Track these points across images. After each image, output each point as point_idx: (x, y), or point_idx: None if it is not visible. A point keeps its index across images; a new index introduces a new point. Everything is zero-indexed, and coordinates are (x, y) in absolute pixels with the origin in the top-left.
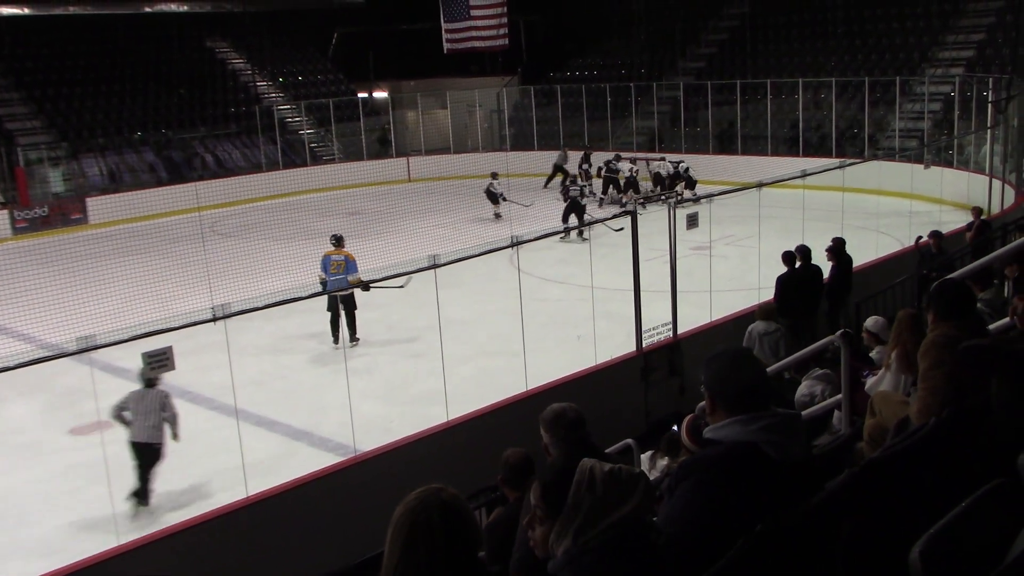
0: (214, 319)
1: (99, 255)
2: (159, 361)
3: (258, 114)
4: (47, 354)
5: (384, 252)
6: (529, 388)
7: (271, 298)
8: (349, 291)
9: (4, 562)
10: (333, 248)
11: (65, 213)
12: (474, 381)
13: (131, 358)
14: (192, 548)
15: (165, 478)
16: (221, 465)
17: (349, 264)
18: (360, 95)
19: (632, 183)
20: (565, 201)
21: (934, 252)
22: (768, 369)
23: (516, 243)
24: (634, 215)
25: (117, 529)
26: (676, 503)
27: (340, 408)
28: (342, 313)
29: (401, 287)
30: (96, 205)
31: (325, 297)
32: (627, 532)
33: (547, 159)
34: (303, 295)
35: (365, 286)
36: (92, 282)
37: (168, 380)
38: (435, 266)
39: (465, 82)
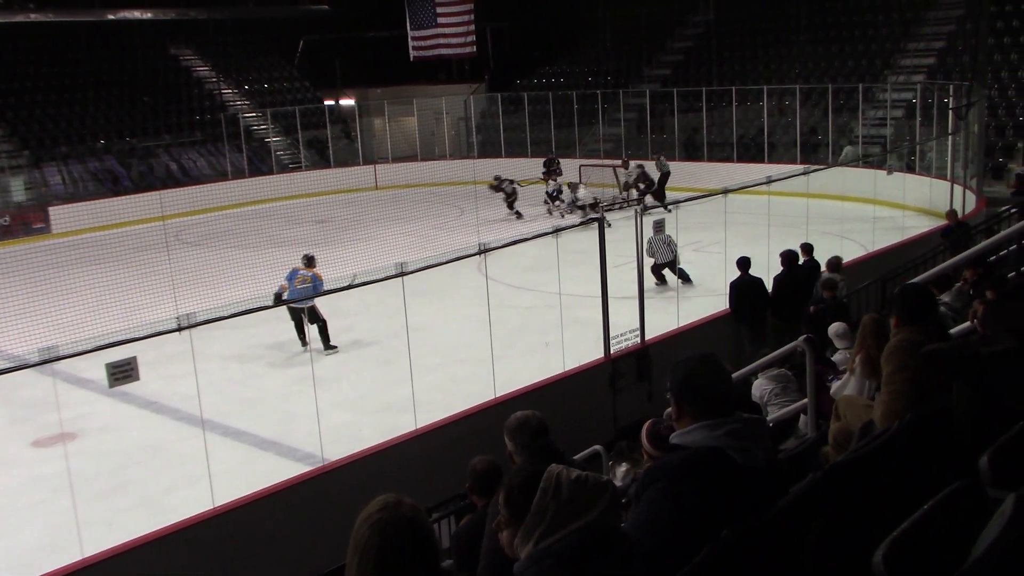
0: (179, 328)
1: (62, 264)
2: (123, 372)
3: (223, 122)
4: (9, 365)
5: (352, 260)
6: (498, 395)
7: (238, 307)
8: (308, 304)
9: None
10: (303, 266)
11: (27, 222)
12: (442, 389)
13: (95, 369)
14: (158, 560)
15: (130, 489)
16: (187, 476)
17: (316, 284)
18: (327, 102)
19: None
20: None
21: None
22: (735, 374)
23: (484, 250)
24: (601, 222)
25: (82, 543)
26: (643, 509)
27: (308, 417)
28: (307, 325)
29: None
30: (59, 214)
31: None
32: (591, 538)
33: (515, 166)
34: (270, 304)
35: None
36: (55, 292)
37: (133, 390)
38: (403, 273)
39: (432, 89)
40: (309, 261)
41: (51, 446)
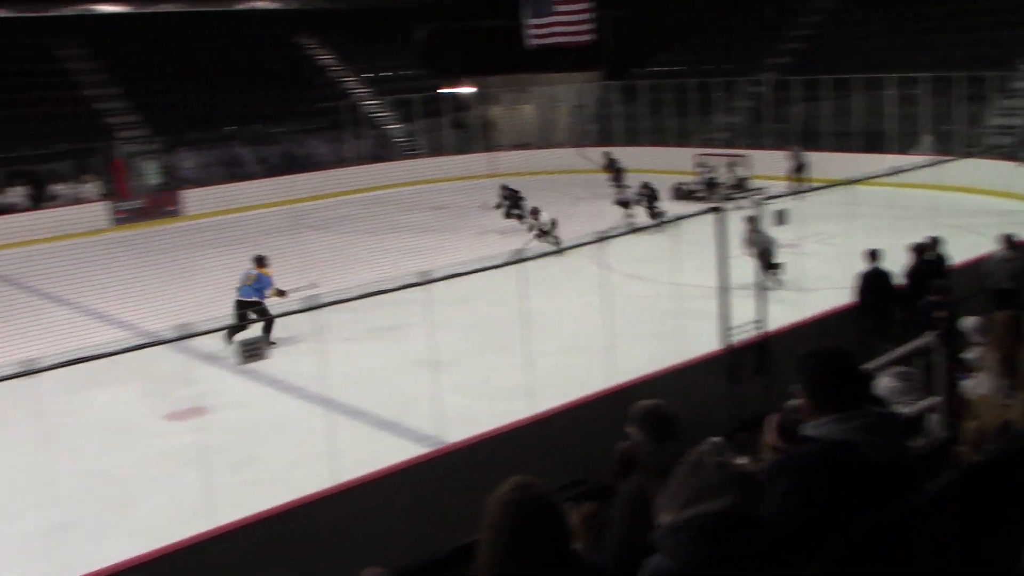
0: (305, 310)
1: (193, 246)
2: (253, 350)
3: (345, 110)
4: (145, 341)
5: (469, 247)
6: (613, 384)
7: (359, 290)
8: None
9: (106, 540)
10: (254, 266)
11: (160, 205)
12: (557, 376)
13: (224, 348)
14: (282, 534)
15: (256, 464)
16: (311, 453)
17: (263, 282)
18: (446, 90)
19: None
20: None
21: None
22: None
23: (600, 239)
24: (721, 211)
25: (210, 514)
26: (771, 501)
27: (426, 400)
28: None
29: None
30: (190, 197)
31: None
32: (727, 521)
33: (630, 155)
34: (391, 287)
35: (281, 293)
36: (186, 272)
37: (260, 368)
38: (520, 260)
39: (549, 78)
40: (260, 261)
41: (184, 420)
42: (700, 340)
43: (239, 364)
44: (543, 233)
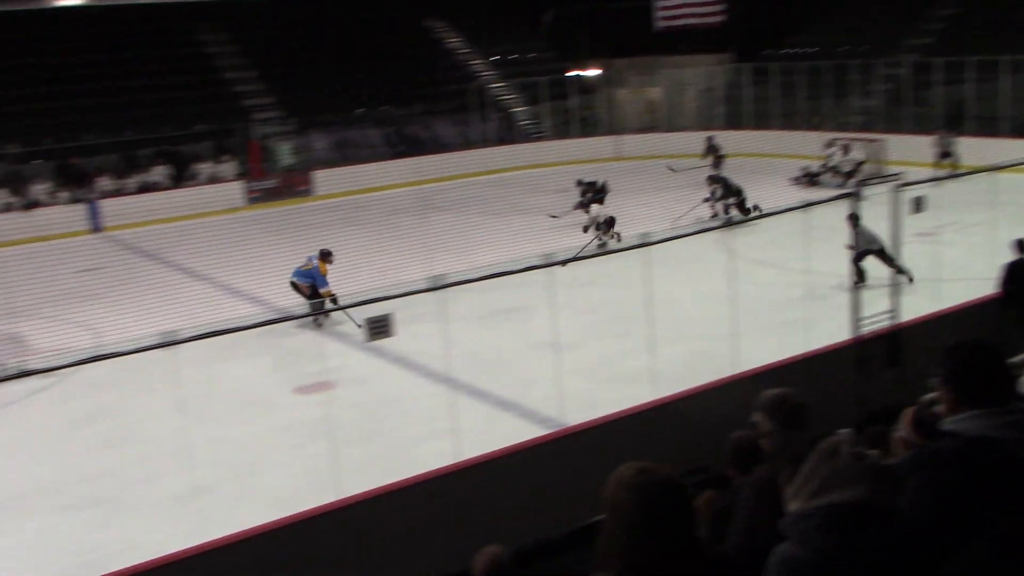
0: (430, 289)
1: (322, 225)
2: (380, 327)
3: (472, 92)
4: (276, 317)
5: (591, 231)
6: (736, 372)
7: (483, 271)
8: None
9: (235, 507)
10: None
11: (293, 185)
12: (680, 362)
13: (349, 323)
14: (404, 508)
15: (379, 439)
16: (433, 430)
17: (314, 276)
18: (572, 73)
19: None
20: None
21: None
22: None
23: (728, 223)
24: (855, 197)
25: (335, 485)
26: (906, 496)
27: (546, 381)
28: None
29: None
30: (321, 178)
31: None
32: (857, 513)
33: (759, 139)
34: (515, 269)
35: (333, 299)
36: (316, 250)
37: (385, 345)
38: (645, 244)
39: (677, 60)
40: (324, 256)
41: (311, 393)
42: (829, 330)
43: (365, 341)
44: (597, 229)
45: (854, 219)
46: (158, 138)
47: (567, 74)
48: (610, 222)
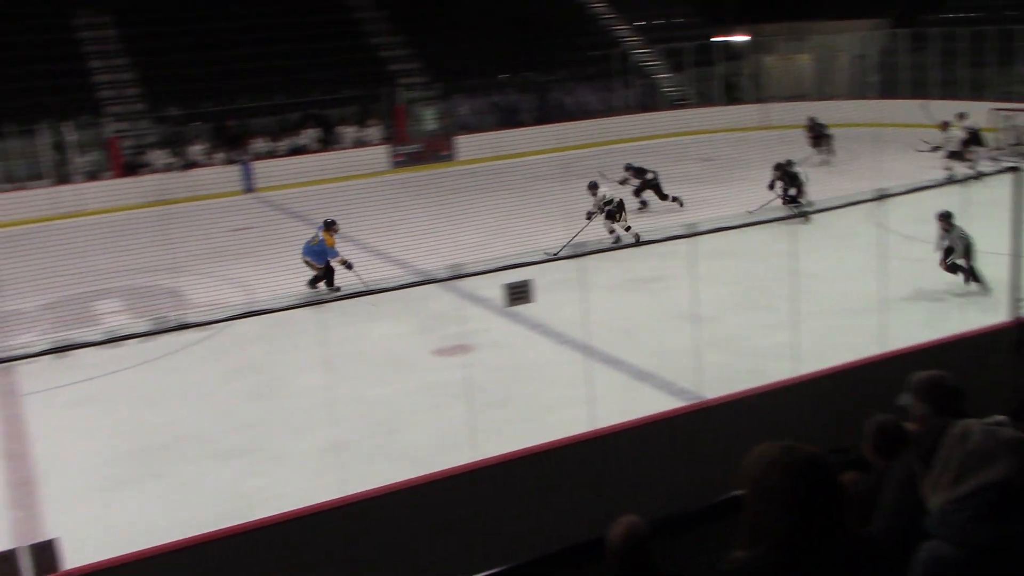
0: (569, 257)
1: (465, 190)
2: (520, 293)
3: (616, 58)
4: (419, 279)
5: (736, 198)
6: (883, 351)
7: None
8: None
9: (374, 463)
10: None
11: (436, 150)
12: (824, 338)
13: (492, 288)
14: (538, 473)
15: (514, 403)
16: (567, 397)
17: (322, 248)
18: (718, 39)
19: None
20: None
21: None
22: None
23: (880, 196)
24: (1020, 171)
25: (472, 446)
26: None
27: (685, 353)
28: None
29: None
30: (463, 143)
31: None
32: (1010, 495)
33: (913, 109)
34: (656, 238)
35: (347, 265)
36: (458, 215)
37: (523, 311)
38: (790, 216)
39: (828, 25)
40: (327, 226)
41: (449, 356)
42: (984, 310)
43: (505, 306)
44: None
45: (946, 219)
46: (308, 102)
47: (713, 40)
48: (620, 206)
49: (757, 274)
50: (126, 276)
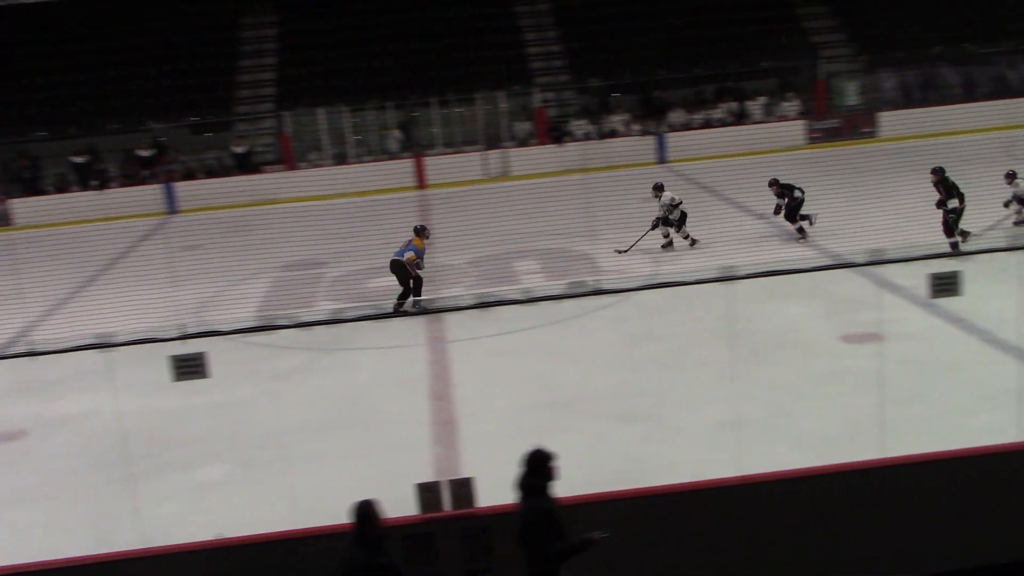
0: (995, 249)
1: (884, 170)
2: (947, 284)
3: None
4: (834, 263)
5: None
6: None
7: None
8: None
9: (770, 444)
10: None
11: (856, 126)
12: None
13: (908, 277)
14: (951, 480)
15: (924, 401)
16: (987, 399)
17: (412, 249)
18: None
19: None
20: None
21: None
22: None
23: None
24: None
25: (880, 441)
26: None
27: None
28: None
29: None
30: (886, 119)
31: None
32: None
33: None
34: None
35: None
36: (875, 196)
37: (945, 304)
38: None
39: None
40: (417, 231)
41: (859, 343)
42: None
43: (928, 297)
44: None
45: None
46: (725, 74)
47: None
48: (682, 219)
49: None
50: (544, 239)
